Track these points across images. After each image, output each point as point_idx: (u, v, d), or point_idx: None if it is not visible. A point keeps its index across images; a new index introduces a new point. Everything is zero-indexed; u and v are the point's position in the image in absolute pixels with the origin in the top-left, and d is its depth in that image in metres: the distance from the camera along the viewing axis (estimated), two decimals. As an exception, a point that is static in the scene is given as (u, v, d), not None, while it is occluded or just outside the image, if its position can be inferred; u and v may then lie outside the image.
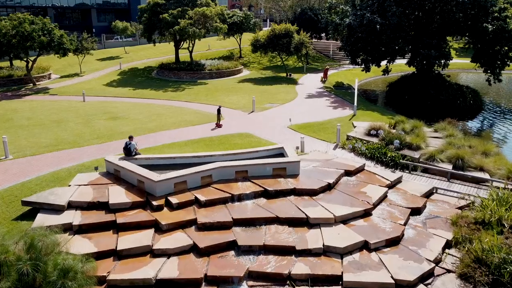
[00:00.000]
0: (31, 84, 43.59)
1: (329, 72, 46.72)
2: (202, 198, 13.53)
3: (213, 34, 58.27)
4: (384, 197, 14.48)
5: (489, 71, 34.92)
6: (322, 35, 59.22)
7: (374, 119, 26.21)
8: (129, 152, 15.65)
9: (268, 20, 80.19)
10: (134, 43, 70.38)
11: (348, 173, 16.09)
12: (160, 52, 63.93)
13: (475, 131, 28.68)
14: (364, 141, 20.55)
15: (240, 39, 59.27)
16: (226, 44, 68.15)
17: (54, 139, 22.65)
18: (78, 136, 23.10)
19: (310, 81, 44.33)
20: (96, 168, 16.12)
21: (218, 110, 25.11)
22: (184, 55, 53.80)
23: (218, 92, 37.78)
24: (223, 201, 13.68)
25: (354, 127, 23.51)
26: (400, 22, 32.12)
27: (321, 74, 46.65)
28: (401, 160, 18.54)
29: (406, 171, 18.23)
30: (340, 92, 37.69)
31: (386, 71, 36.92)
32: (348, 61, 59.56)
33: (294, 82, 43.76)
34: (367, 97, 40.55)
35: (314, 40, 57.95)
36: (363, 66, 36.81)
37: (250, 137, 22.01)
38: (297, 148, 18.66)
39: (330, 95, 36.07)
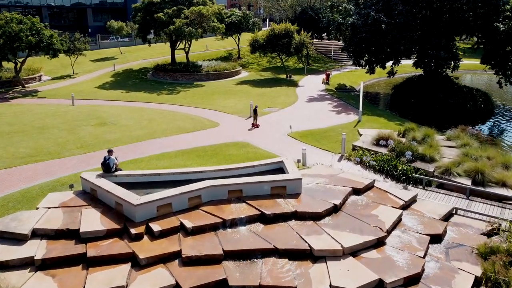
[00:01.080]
0: (20, 86, 41.74)
1: (332, 74, 44.84)
2: (189, 224, 11.68)
3: (211, 34, 56.48)
4: (398, 221, 12.62)
5: (500, 73, 33.07)
6: (323, 35, 57.32)
7: (381, 125, 24.38)
8: (108, 168, 13.80)
9: (267, 19, 78.38)
10: (130, 44, 68.49)
11: (357, 191, 14.24)
12: (156, 53, 62.05)
13: (487, 135, 26.82)
14: (372, 152, 18.70)
15: (238, 39, 57.42)
16: (225, 45, 66.29)
17: (34, 148, 20.79)
18: (60, 145, 21.23)
19: (311, 83, 42.47)
20: (71, 186, 14.27)
21: (255, 110, 24.23)
22: (180, 56, 52.00)
23: (215, 95, 35.93)
24: (213, 228, 11.83)
25: (360, 135, 21.65)
26: (407, 22, 30.25)
27: (323, 76, 44.82)
28: (414, 174, 16.69)
29: (420, 187, 16.38)
30: (343, 95, 35.83)
31: (391, 73, 35.06)
32: (350, 62, 57.85)
33: (294, 84, 41.91)
34: (371, 100, 38.67)
35: (315, 40, 56.00)
36: (367, 67, 34.92)
37: (246, 146, 20.15)
38: (298, 161, 16.80)
39: (333, 98, 34.20)
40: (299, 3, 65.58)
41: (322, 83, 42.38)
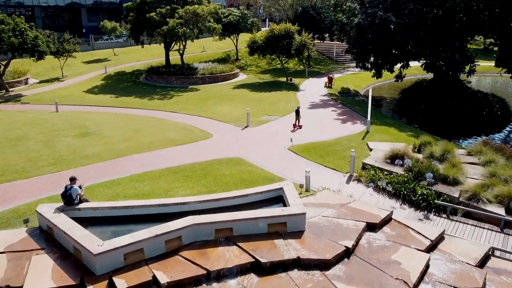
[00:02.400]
0: (4, 90, 39.27)
1: (334, 76, 42.34)
2: (163, 278, 9.23)
3: (208, 35, 54.05)
4: (425, 270, 10.16)
5: (517, 77, 30.65)
6: (326, 35, 54.85)
7: (392, 137, 21.91)
8: (69, 200, 11.34)
9: (267, 20, 75.93)
10: (125, 45, 66.01)
11: (372, 226, 11.78)
12: (151, 54, 59.64)
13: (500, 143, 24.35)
14: (386, 172, 16.24)
15: (236, 40, 54.97)
16: (222, 46, 63.82)
17: (1, 165, 18.33)
18: (31, 161, 18.76)
19: (313, 87, 40.02)
20: (25, 221, 11.78)
21: (297, 111, 23.74)
22: (176, 58, 49.40)
23: (210, 101, 33.47)
24: (194, 282, 9.38)
25: (370, 150, 19.17)
26: (417, 22, 27.80)
27: (325, 79, 42.35)
28: (436, 201, 14.24)
29: (443, 215, 13.95)
30: (347, 101, 33.36)
31: (399, 76, 32.59)
32: (353, 64, 55.31)
33: (295, 88, 39.45)
34: (377, 106, 36.18)
35: (316, 41, 53.47)
36: (373, 71, 32.45)
37: (241, 164, 17.68)
38: (301, 186, 14.32)
39: (337, 104, 31.73)
40: (299, 2, 63.13)
41: (325, 86, 39.95)
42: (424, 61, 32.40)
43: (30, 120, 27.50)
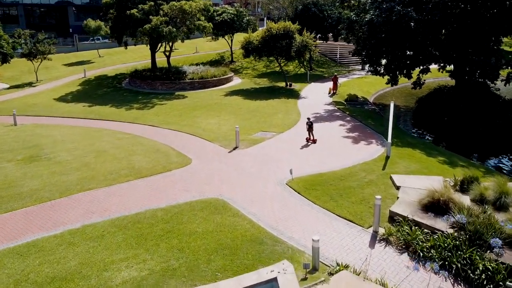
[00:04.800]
0: (-37, 98, 34.54)
1: (340, 83, 37.53)
2: None
3: (200, 35, 49.34)
4: None
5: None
6: (329, 35, 50.05)
7: (421, 165, 17.10)
8: None
9: (265, 19, 71.01)
10: (112, 45, 61.31)
11: None
12: (139, 56, 55.02)
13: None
14: (424, 227, 11.43)
15: (231, 40, 50.21)
16: (217, 46, 59.12)
17: None
18: None
19: (316, 94, 35.27)
20: None
21: (310, 125, 20.00)
22: (165, 60, 44.61)
23: (197, 111, 28.70)
24: None
25: (397, 188, 14.34)
26: (443, 18, 23.01)
27: (329, 84, 37.59)
28: (508, 283, 9.43)
29: (521, 306, 9.14)
30: (356, 111, 28.57)
31: (418, 83, 27.78)
32: (359, 67, 50.60)
33: (295, 95, 34.69)
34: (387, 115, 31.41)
35: (318, 41, 48.60)
36: (389, 76, 27.65)
37: (221, 210, 12.87)
38: (305, 267, 9.45)
39: (344, 116, 26.94)
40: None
41: (329, 93, 35.18)
42: (442, 65, 27.67)
43: (-25, 138, 22.74)
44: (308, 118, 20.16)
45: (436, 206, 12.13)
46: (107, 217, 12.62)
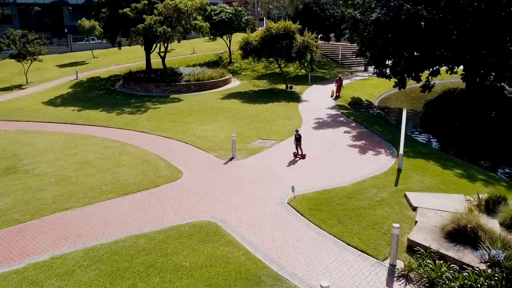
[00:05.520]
0: None
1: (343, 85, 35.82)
2: None
3: (197, 35, 47.63)
4: None
5: None
6: (331, 35, 48.34)
7: (437, 179, 15.39)
8: None
9: (264, 18, 69.31)
10: (106, 46, 59.57)
11: None
12: (134, 57, 53.36)
13: None
14: (451, 262, 9.73)
15: (229, 40, 48.54)
16: (215, 47, 57.52)
17: None
18: None
19: (317, 97, 33.62)
20: None
21: (298, 138, 17.72)
22: (160, 61, 42.96)
23: (192, 116, 27.02)
24: None
25: (414, 209, 12.63)
26: (456, 16, 21.33)
27: (331, 86, 35.96)
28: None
29: None
30: (361, 116, 26.89)
31: (427, 87, 26.08)
32: (362, 68, 48.96)
33: (296, 98, 33.03)
34: (396, 121, 29.74)
35: (320, 42, 46.87)
36: (396, 79, 25.96)
37: (214, 238, 11.17)
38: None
39: (349, 121, 25.25)
40: (301, -2, 56.65)
41: (331, 96, 33.50)
42: (450, 66, 25.96)
43: (-50, 146, 21.03)
44: (297, 130, 17.90)
45: (462, 234, 10.43)
46: (81, 245, 10.92)
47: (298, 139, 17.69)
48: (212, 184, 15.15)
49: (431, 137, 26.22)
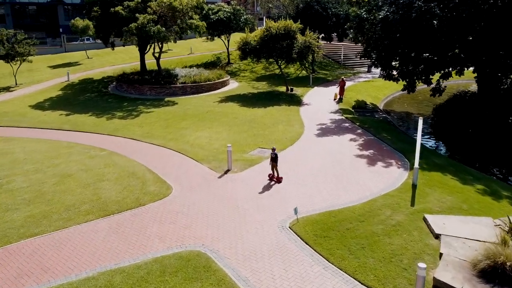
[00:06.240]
0: None
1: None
2: None
3: (194, 35, 45.87)
4: None
5: None
6: (333, 35, 46.60)
7: (457, 197, 13.67)
8: None
9: (264, 18, 67.66)
10: (103, 46, 57.29)
11: None
12: (130, 57, 51.61)
13: None
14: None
15: (228, 41, 46.81)
16: (213, 47, 55.81)
17: None
18: None
19: (320, 99, 31.92)
20: None
21: (274, 158, 14.93)
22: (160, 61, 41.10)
23: (186, 121, 25.32)
24: None
25: (436, 236, 10.90)
26: (472, 14, 19.61)
27: (333, 89, 34.26)
28: None
29: None
30: (367, 121, 25.17)
31: (438, 90, 24.36)
32: (365, 69, 47.23)
33: (297, 101, 31.31)
34: (403, 126, 28.06)
35: (322, 42, 45.07)
36: (405, 82, 24.25)
37: (201, 276, 9.46)
38: None
39: (354, 127, 23.54)
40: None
41: (334, 99, 31.79)
42: (458, 68, 24.23)
43: None
44: (273, 149, 15.12)
45: (500, 273, 8.72)
46: (45, 284, 9.21)
47: (274, 159, 14.90)
48: (204, 203, 13.44)
49: (441, 144, 24.54)
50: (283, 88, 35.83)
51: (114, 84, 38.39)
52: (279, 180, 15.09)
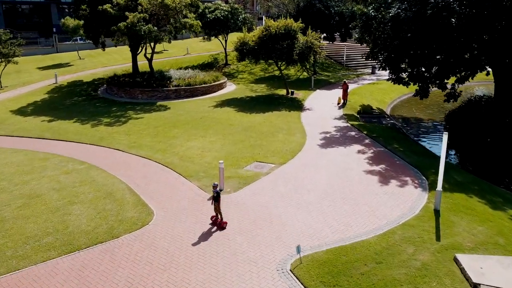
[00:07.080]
0: None
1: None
2: None
3: (189, 35, 43.72)
4: None
5: None
6: (336, 35, 44.44)
7: (488, 225, 11.53)
8: None
9: (263, 17, 65.53)
10: (94, 46, 55.47)
11: None
12: (123, 58, 49.44)
13: None
14: None
15: (225, 41, 44.66)
16: (210, 48, 53.61)
17: None
18: None
19: (322, 104, 29.81)
20: None
21: (215, 197, 11.62)
22: (153, 62, 38.90)
23: (178, 128, 23.20)
24: None
25: (474, 286, 8.75)
26: (494, 12, 17.47)
27: (336, 92, 32.15)
28: None
29: None
30: (376, 129, 23.04)
31: (453, 95, 22.18)
32: (369, 70, 45.07)
33: (298, 106, 29.18)
34: (413, 134, 25.92)
35: (324, 42, 42.88)
36: (418, 86, 22.10)
37: None
38: None
39: (361, 136, 21.39)
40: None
41: (338, 103, 29.66)
42: (476, 71, 22.13)
43: None
44: (215, 185, 11.85)
45: None
46: None
47: (215, 198, 11.65)
48: (189, 236, 11.30)
49: (454, 153, 22.43)
50: (283, 91, 33.70)
51: (104, 87, 36.27)
52: (221, 225, 11.75)
